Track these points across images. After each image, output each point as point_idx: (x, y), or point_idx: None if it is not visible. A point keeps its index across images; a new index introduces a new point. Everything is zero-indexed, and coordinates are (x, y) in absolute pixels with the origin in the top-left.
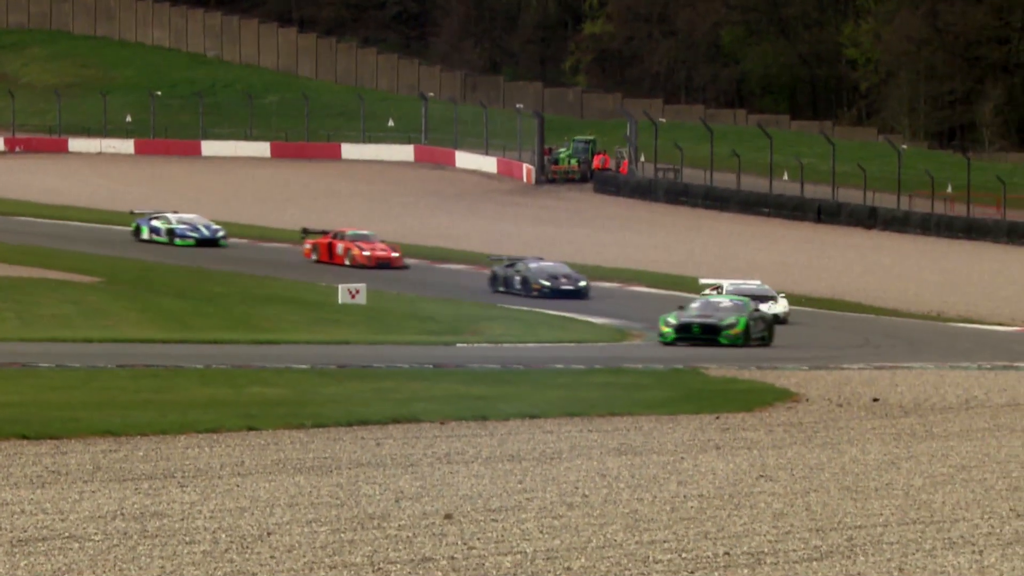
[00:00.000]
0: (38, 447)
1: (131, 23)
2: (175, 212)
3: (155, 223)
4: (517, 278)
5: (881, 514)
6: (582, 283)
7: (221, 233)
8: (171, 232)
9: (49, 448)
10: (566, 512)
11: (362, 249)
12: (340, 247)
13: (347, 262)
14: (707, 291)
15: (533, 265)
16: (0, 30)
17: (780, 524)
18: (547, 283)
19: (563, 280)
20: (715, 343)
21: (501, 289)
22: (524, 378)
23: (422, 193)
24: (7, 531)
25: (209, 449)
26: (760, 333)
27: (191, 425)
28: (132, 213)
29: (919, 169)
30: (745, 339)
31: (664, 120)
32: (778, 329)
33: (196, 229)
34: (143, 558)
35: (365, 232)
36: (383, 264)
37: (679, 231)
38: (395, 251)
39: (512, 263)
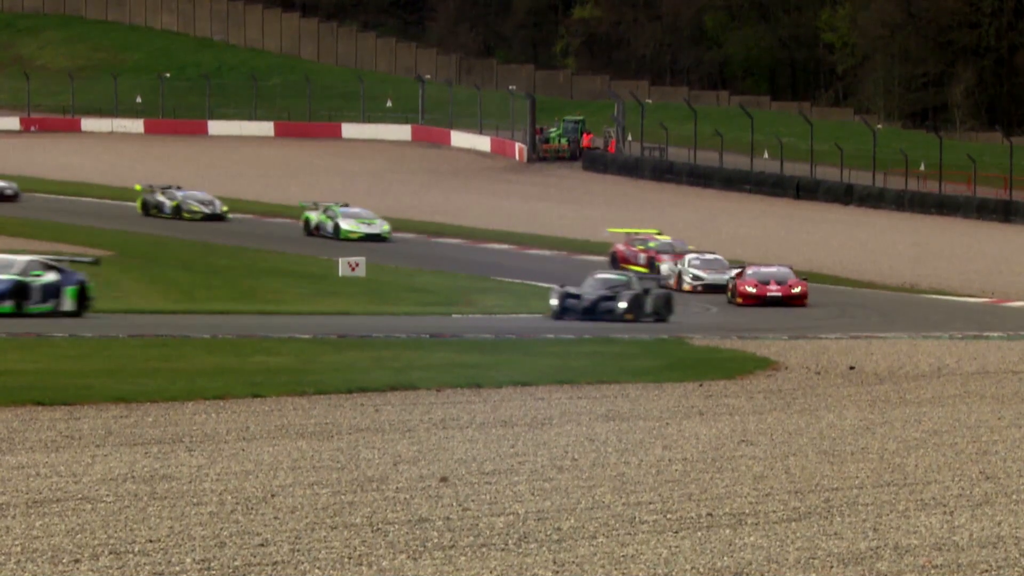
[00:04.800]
0: (53, 413)
1: (141, 8)
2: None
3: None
4: None
5: (857, 477)
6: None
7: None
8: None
9: (63, 414)
10: (556, 475)
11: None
12: None
13: None
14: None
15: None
16: (17, 14)
17: (760, 486)
18: None
19: None
20: None
21: None
22: (516, 347)
23: (419, 171)
24: (23, 493)
25: (216, 415)
26: None
27: (199, 392)
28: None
29: (893, 148)
30: None
31: (650, 101)
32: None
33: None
34: (153, 519)
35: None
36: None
37: (664, 207)
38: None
39: None
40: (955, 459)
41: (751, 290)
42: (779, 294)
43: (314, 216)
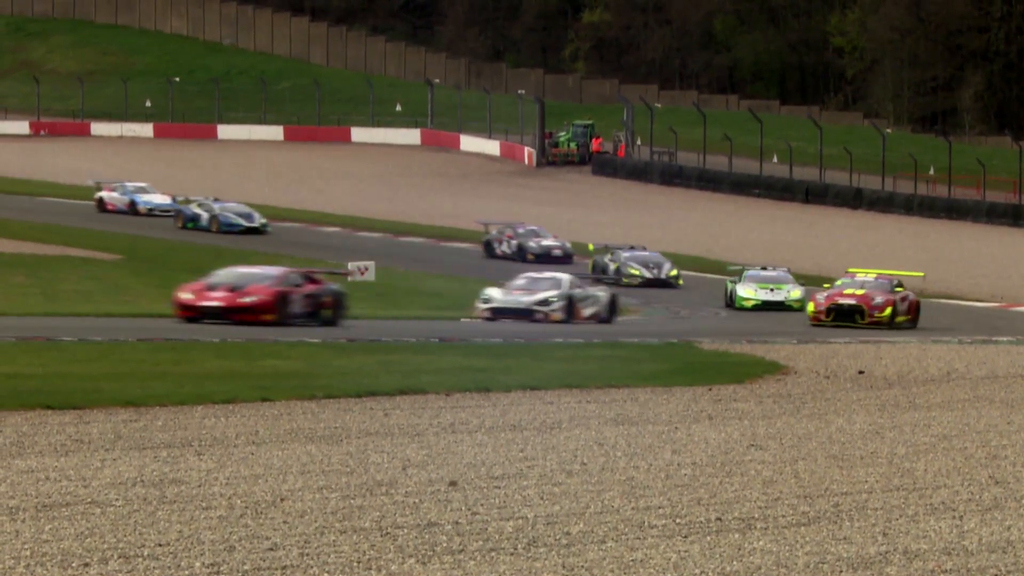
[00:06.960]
0: (62, 417)
1: (150, 12)
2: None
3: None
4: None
5: (866, 481)
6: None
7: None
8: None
9: (72, 418)
10: (565, 479)
11: None
12: None
13: None
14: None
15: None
16: (26, 19)
17: (770, 491)
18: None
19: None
20: None
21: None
22: (525, 351)
23: (428, 175)
24: (32, 497)
25: (225, 419)
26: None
27: (208, 396)
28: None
29: (902, 152)
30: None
31: (659, 105)
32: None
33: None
34: (162, 523)
35: None
36: None
37: (673, 211)
38: None
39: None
40: (965, 464)
41: (187, 296)
42: (220, 303)
43: (730, 284)
